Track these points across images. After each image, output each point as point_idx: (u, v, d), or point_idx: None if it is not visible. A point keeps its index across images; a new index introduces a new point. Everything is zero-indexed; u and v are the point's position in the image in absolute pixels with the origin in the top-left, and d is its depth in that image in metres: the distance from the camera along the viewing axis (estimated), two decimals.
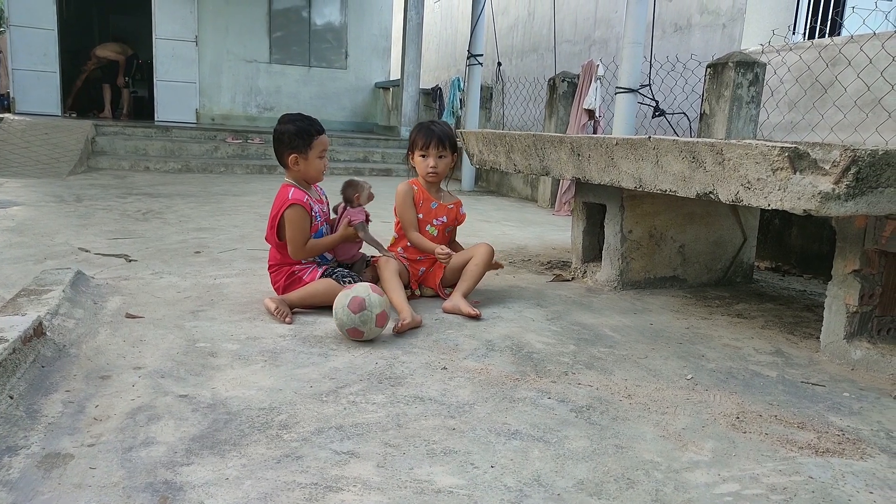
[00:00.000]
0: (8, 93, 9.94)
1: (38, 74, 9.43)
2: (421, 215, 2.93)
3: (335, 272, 2.61)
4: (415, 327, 2.43)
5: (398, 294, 2.56)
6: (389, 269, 2.69)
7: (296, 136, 2.59)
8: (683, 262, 3.31)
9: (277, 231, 2.60)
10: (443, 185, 3.07)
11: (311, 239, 2.62)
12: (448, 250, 2.81)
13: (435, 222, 2.96)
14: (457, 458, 1.52)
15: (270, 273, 2.68)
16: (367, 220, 2.73)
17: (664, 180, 2.50)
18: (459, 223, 3.08)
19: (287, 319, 2.41)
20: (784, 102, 5.40)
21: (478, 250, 2.83)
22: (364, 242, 2.75)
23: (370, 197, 2.72)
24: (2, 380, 1.67)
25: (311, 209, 2.61)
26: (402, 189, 2.93)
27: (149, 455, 1.46)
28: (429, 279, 2.92)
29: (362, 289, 2.25)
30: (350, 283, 2.56)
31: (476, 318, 2.60)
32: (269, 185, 6.70)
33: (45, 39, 9.38)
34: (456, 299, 2.69)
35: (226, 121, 10.78)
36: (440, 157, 2.89)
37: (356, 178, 2.71)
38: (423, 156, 2.90)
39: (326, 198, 2.83)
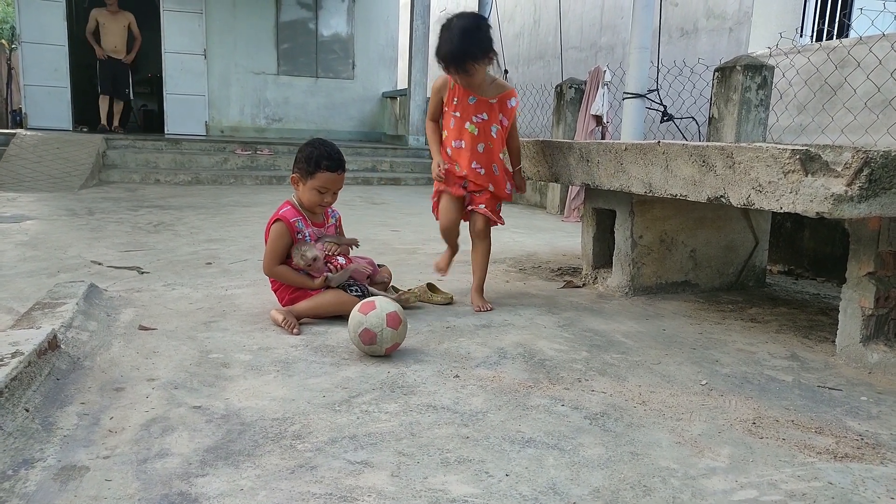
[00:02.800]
0: (20, 108, 10.05)
1: (50, 90, 9.53)
2: (458, 113, 2.73)
3: None
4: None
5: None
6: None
7: (305, 159, 2.57)
8: (695, 267, 3.29)
9: None
10: (492, 72, 2.78)
11: (285, 266, 2.55)
12: (440, 166, 2.73)
13: (475, 119, 2.74)
14: (471, 466, 1.51)
15: (274, 290, 2.66)
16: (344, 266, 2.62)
17: (674, 185, 2.49)
18: (510, 120, 2.78)
19: (295, 330, 2.41)
20: (793, 105, 5.37)
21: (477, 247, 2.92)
22: (375, 266, 2.76)
23: (309, 262, 2.52)
24: (17, 393, 1.68)
25: (298, 230, 2.57)
26: (437, 82, 2.73)
27: (164, 466, 1.46)
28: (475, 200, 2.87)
29: (376, 321, 2.13)
30: (357, 292, 2.56)
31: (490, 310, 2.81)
32: (279, 196, 6.73)
33: (57, 55, 9.49)
34: (472, 296, 2.91)
35: (235, 133, 10.86)
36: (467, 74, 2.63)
37: (301, 246, 2.54)
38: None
39: (338, 224, 2.78)
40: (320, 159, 2.56)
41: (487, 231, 2.93)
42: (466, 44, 2.56)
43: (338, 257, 2.63)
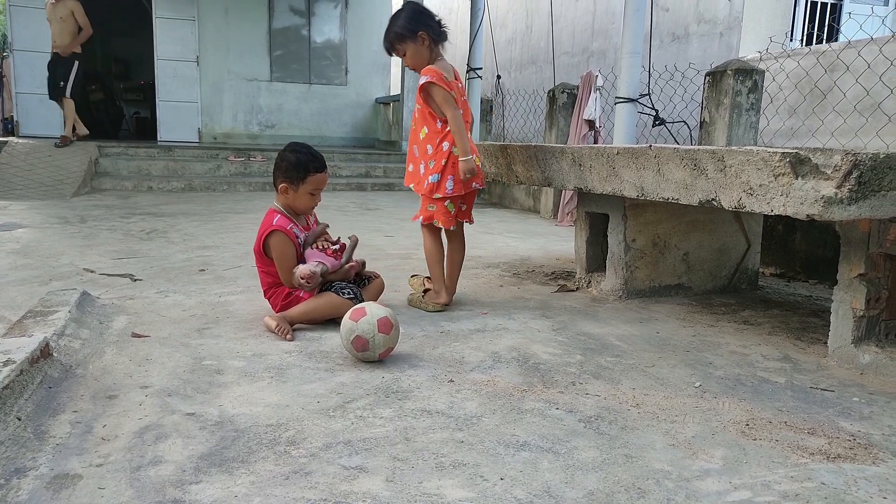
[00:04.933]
0: (11, 116, 10.01)
1: (41, 98, 9.46)
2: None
3: (333, 285, 2.60)
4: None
5: (438, 269, 2.87)
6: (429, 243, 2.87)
7: (293, 166, 2.57)
8: (688, 270, 3.30)
9: (263, 256, 2.59)
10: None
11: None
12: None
13: None
14: (466, 470, 1.51)
15: (267, 298, 2.65)
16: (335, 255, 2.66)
17: (666, 188, 2.51)
18: (419, 94, 2.82)
19: (288, 336, 2.41)
20: (784, 109, 5.41)
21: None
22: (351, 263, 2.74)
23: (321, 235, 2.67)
24: (9, 401, 1.67)
25: (297, 237, 2.59)
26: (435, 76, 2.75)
27: (157, 474, 1.46)
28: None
29: (367, 327, 2.13)
30: (350, 295, 2.55)
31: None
32: (272, 202, 6.72)
33: (47, 63, 9.45)
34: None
35: (228, 139, 10.84)
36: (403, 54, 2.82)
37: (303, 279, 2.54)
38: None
39: (315, 218, 2.80)
40: (308, 163, 2.58)
41: (426, 230, 2.90)
42: (388, 29, 2.84)
43: (331, 246, 2.68)
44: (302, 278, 2.47)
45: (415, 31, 2.75)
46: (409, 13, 2.80)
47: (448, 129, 2.75)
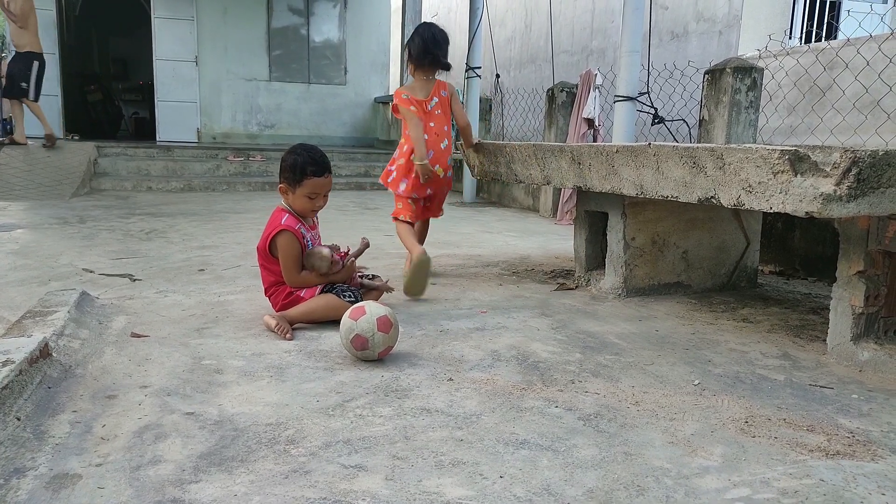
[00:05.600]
0: (10, 117, 10.00)
1: (41, 98, 9.48)
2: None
3: (335, 287, 2.60)
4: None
5: (409, 238, 3.18)
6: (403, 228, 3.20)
7: (290, 168, 2.56)
8: (687, 268, 3.30)
9: (269, 255, 2.59)
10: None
11: (305, 270, 2.59)
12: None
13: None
14: (465, 469, 1.51)
15: (268, 297, 2.65)
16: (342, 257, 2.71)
17: (665, 186, 2.51)
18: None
19: (288, 336, 2.41)
20: (783, 106, 5.41)
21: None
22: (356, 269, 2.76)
23: (329, 262, 2.60)
24: (9, 401, 1.67)
25: (304, 237, 2.59)
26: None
27: (157, 473, 1.46)
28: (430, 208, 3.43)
29: (367, 325, 2.12)
30: (351, 298, 2.55)
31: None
32: (271, 202, 6.70)
33: (47, 64, 9.45)
34: None
35: (227, 139, 10.84)
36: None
37: (313, 258, 2.57)
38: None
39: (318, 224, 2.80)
40: (305, 166, 2.55)
41: (396, 221, 3.36)
42: None
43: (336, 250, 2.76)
44: (335, 259, 2.59)
45: (406, 49, 3.40)
46: (413, 35, 3.26)
47: (408, 135, 3.20)
